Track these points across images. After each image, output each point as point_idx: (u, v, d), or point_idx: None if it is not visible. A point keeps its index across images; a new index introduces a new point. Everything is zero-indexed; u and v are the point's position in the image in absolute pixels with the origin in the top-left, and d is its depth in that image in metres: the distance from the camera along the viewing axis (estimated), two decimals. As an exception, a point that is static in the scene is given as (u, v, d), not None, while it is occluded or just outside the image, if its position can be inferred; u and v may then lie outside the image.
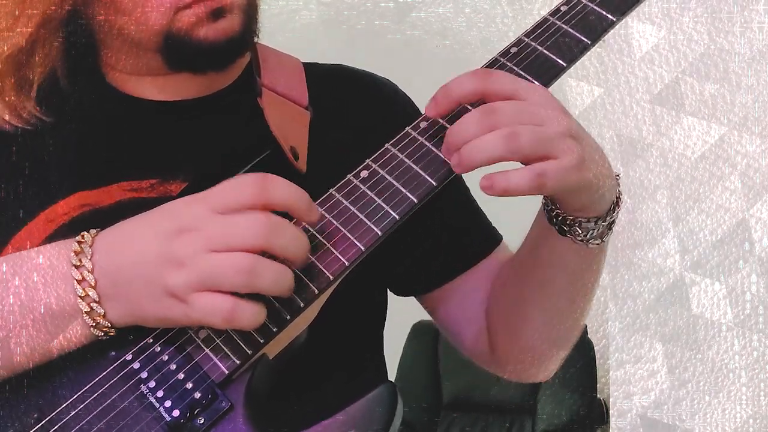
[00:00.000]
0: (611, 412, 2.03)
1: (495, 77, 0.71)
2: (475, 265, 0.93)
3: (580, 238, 0.76)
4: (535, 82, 0.73)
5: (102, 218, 0.70)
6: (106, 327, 0.66)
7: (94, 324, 0.66)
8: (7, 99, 0.82)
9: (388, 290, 0.96)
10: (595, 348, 2.15)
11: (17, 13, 0.79)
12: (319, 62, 0.97)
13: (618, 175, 0.77)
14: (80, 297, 0.65)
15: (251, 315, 0.64)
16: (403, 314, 1.02)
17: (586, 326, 2.13)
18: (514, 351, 0.92)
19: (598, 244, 0.78)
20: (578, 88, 2.01)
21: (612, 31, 0.77)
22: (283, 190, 0.66)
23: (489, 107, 0.68)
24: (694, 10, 1.91)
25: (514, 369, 0.94)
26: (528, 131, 0.67)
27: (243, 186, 0.66)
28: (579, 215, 0.75)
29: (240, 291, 0.64)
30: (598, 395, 2.14)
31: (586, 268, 0.82)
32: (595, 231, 0.76)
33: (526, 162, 0.68)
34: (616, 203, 0.76)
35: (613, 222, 0.77)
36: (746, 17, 1.88)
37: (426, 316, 1.01)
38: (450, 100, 0.71)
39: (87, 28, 0.83)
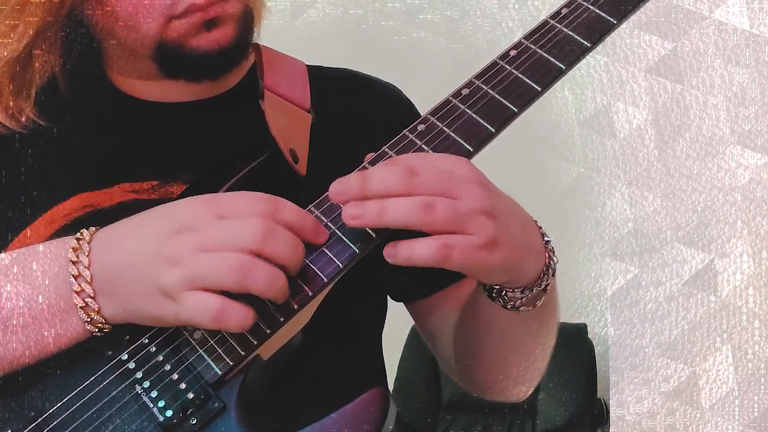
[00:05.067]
0: (606, 419, 2.03)
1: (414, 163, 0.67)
2: (462, 280, 0.91)
3: (509, 306, 0.74)
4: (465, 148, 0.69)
5: (103, 219, 0.70)
6: (100, 323, 0.67)
7: (88, 319, 0.66)
8: (3, 102, 0.82)
9: None
10: (595, 349, 2.15)
11: (15, 14, 0.78)
12: (324, 66, 0.96)
13: (548, 241, 0.73)
14: (75, 292, 0.66)
15: (240, 317, 0.63)
16: (403, 315, 1.01)
17: (586, 326, 2.14)
18: (471, 381, 0.92)
19: (529, 310, 0.75)
20: (582, 95, 2.01)
21: (619, 41, 0.77)
22: (291, 209, 0.66)
23: (412, 170, 0.65)
24: (700, 23, 1.91)
25: (480, 393, 0.94)
26: (444, 204, 0.64)
27: (252, 198, 0.66)
28: (504, 285, 0.72)
29: (231, 290, 0.63)
30: (598, 395, 2.14)
31: (522, 331, 0.80)
32: (524, 299, 0.73)
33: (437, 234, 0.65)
34: (546, 272, 0.72)
35: (546, 288, 0.73)
36: (753, 32, 1.88)
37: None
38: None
39: (87, 30, 0.83)
